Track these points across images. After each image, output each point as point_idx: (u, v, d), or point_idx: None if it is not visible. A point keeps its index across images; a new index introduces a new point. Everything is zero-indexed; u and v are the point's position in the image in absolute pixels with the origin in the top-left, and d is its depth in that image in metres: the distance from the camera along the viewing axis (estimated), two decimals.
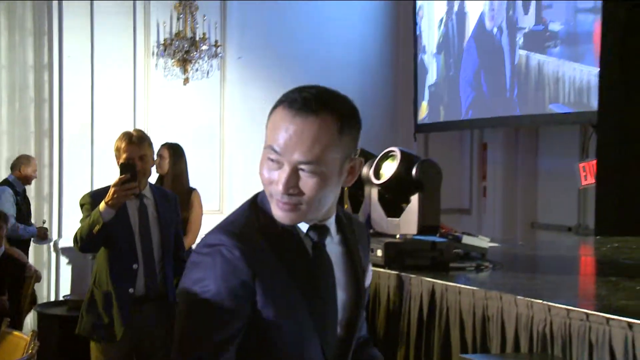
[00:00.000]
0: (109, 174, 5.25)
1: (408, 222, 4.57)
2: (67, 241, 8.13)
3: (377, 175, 4.69)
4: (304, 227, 1.81)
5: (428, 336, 3.96)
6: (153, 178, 4.84)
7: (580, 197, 8.17)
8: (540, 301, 3.31)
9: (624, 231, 6.32)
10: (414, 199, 4.55)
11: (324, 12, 9.53)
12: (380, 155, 4.78)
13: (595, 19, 7.18)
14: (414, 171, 4.56)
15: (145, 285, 4.16)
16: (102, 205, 3.99)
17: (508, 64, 8.34)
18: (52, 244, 8.47)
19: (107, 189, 4.09)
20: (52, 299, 8.30)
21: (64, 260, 8.57)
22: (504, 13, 8.48)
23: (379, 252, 4.31)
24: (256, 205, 1.84)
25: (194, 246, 6.78)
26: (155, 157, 6.04)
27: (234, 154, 9.13)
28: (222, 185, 9.11)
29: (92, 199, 4.18)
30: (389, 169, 4.64)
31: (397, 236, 4.51)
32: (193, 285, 1.74)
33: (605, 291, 3.80)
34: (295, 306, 1.78)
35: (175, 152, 6.10)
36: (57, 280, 8.55)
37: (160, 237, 4.24)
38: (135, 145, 4.19)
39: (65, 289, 8.36)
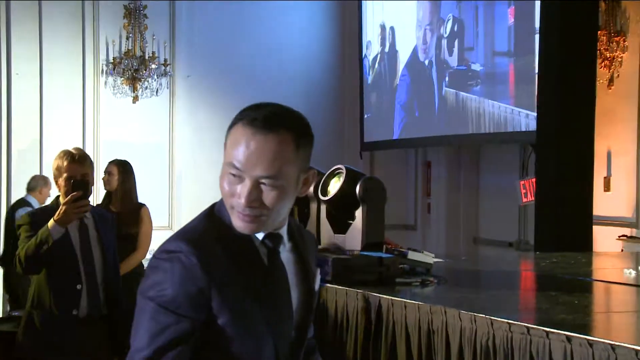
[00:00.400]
0: (56, 192, 5.19)
1: (353, 238, 4.59)
2: None
3: (324, 192, 4.71)
4: (259, 235, 1.86)
5: (375, 350, 3.98)
6: (101, 195, 4.81)
7: (520, 213, 8.29)
8: (483, 315, 3.35)
9: (562, 247, 6.43)
10: (358, 215, 4.58)
11: (271, 32, 9.56)
12: (328, 172, 4.81)
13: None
14: (357, 188, 4.59)
15: (88, 306, 4.03)
16: (51, 223, 3.88)
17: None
18: None
19: (45, 208, 3.99)
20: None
21: None
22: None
23: (327, 268, 4.32)
24: (213, 215, 1.89)
25: (144, 261, 6.75)
26: (103, 174, 6.02)
27: (183, 170, 9.09)
28: (172, 201, 9.05)
29: (31, 218, 4.05)
30: (335, 186, 4.67)
31: (345, 252, 4.52)
32: (150, 289, 1.78)
33: (545, 305, 3.85)
34: (251, 312, 1.82)
35: (124, 168, 6.06)
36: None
37: (101, 256, 4.13)
38: (77, 163, 4.08)
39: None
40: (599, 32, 7.03)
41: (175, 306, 1.75)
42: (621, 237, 7.18)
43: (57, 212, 3.88)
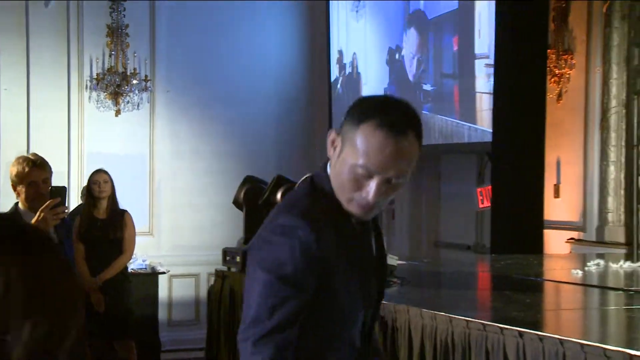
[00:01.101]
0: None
1: None
2: None
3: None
4: None
5: None
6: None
7: (477, 218, 8.38)
8: (443, 313, 3.42)
9: (516, 249, 6.51)
10: None
11: (246, 50, 9.58)
12: (299, 182, 4.86)
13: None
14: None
15: None
16: None
17: None
18: None
19: (2, 216, 3.79)
20: None
21: None
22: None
23: None
24: (316, 191, 1.86)
25: (129, 264, 6.74)
26: (93, 183, 6.03)
27: (162, 178, 9.09)
28: (152, 208, 9.04)
29: None
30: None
31: None
32: (268, 262, 1.76)
33: (500, 303, 3.93)
34: (352, 280, 1.83)
35: (110, 177, 6.11)
36: None
37: None
38: (39, 169, 3.93)
39: None
40: (548, 50, 7.13)
41: (295, 280, 1.73)
42: (569, 240, 7.27)
43: (35, 219, 3.65)
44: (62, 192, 3.84)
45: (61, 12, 8.68)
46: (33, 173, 3.90)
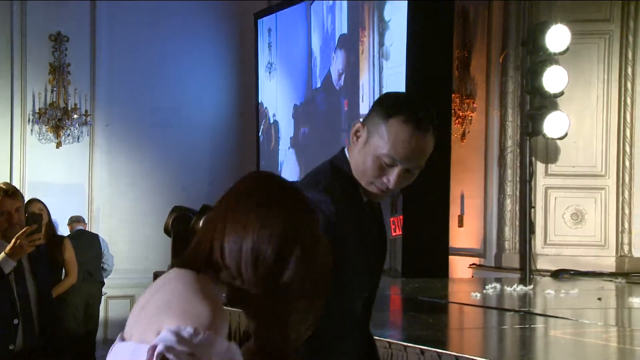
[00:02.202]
0: None
1: None
2: None
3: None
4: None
5: None
6: None
7: (390, 245, 8.44)
8: None
9: (424, 274, 6.57)
10: None
11: (180, 88, 9.53)
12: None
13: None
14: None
15: (24, 340, 3.51)
16: (1, 256, 3.42)
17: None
18: None
19: None
20: None
21: None
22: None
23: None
24: (336, 169, 1.88)
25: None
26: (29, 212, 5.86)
27: (100, 206, 8.93)
28: None
29: None
30: None
31: None
32: None
33: (406, 323, 3.95)
34: (362, 252, 1.84)
35: (44, 205, 5.96)
36: None
37: (36, 289, 3.62)
38: (10, 197, 3.65)
39: None
40: (453, 95, 7.27)
41: None
42: (471, 266, 7.37)
43: (10, 246, 3.42)
44: (38, 219, 3.69)
45: (5, 50, 8.50)
46: (5, 202, 3.63)
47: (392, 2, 7.55)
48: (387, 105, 1.86)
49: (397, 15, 7.35)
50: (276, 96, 9.61)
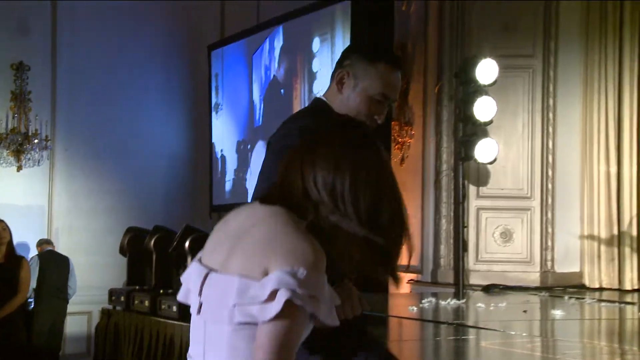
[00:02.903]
0: None
1: None
2: None
3: None
4: None
5: None
6: None
7: None
8: None
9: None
10: None
11: (135, 116, 9.49)
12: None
13: None
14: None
15: None
16: None
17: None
18: None
19: None
20: None
21: None
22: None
23: (174, 308, 4.28)
24: (319, 110, 2.02)
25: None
26: None
27: (60, 228, 8.81)
28: None
29: None
30: None
31: None
32: (279, 150, 1.86)
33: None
34: None
35: (6, 225, 5.89)
36: None
37: None
38: None
39: None
40: (393, 122, 7.37)
41: None
42: (410, 281, 7.43)
43: None
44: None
45: None
46: None
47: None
48: (368, 53, 2.05)
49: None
50: (222, 133, 9.63)
